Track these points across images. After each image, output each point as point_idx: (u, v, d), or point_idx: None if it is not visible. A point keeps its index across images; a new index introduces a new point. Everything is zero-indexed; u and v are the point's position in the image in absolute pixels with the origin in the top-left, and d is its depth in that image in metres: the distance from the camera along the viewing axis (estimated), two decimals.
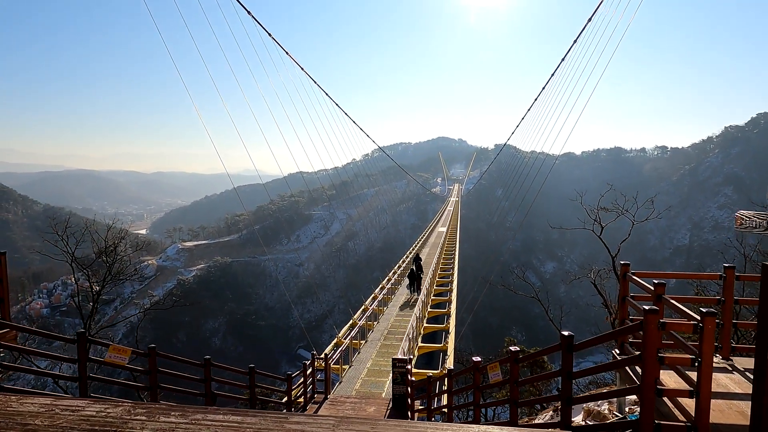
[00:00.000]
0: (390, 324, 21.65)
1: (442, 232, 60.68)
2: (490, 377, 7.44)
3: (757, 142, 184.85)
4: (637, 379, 5.99)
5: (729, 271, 6.59)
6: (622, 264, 6.69)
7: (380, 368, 16.23)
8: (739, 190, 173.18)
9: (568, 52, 37.36)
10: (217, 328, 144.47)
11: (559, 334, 5.63)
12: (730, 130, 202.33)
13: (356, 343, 18.36)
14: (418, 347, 19.33)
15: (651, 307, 4.44)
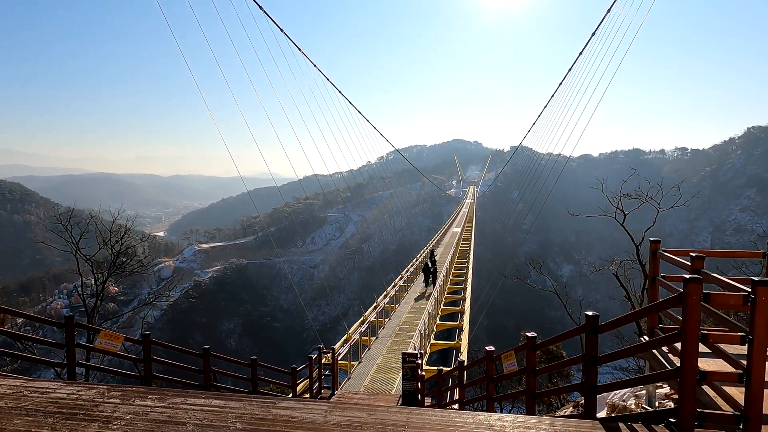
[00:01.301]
0: (402, 321, 21.06)
1: (456, 233, 59.86)
2: (504, 368, 6.83)
3: None
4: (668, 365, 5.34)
5: None
6: (652, 240, 6.03)
7: (390, 365, 15.65)
8: (762, 192, 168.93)
9: (583, 50, 36.70)
10: (233, 329, 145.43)
11: (584, 314, 5.01)
12: (753, 130, 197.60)
13: (366, 340, 17.80)
14: (430, 344, 18.71)
15: (692, 275, 3.82)
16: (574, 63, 39.39)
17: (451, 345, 19.80)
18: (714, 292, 3.82)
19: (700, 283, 3.79)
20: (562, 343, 16.65)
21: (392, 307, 23.24)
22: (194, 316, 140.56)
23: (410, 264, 33.61)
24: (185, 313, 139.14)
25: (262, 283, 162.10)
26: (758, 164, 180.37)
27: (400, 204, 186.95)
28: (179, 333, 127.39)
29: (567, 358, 5.25)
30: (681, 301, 3.89)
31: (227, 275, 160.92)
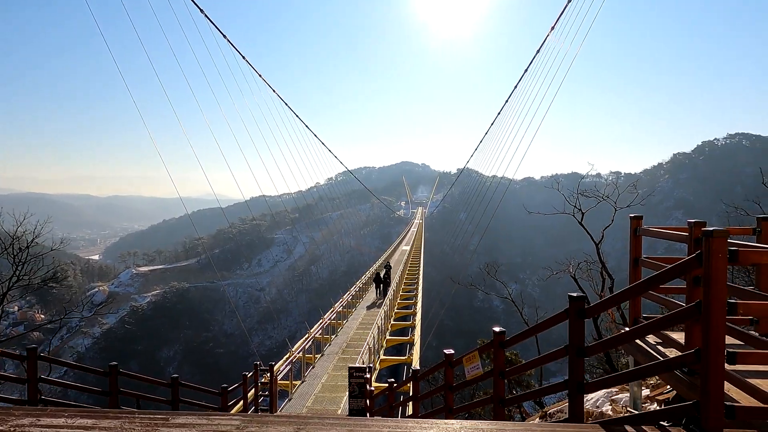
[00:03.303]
0: (350, 337, 19.77)
1: (406, 251, 59.30)
2: (467, 372, 5.83)
3: (703, 168, 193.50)
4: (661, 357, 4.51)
5: (765, 223, 5.33)
6: (633, 217, 5.29)
7: (337, 383, 14.33)
8: (688, 214, 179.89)
9: (519, 81, 38.13)
10: (173, 356, 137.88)
11: (568, 296, 4.11)
12: (678, 156, 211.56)
13: (311, 358, 16.40)
14: (380, 360, 17.52)
15: (714, 227, 2.99)
16: (512, 93, 40.87)
17: (402, 360, 18.69)
18: (742, 248, 3.00)
19: (726, 237, 2.96)
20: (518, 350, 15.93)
21: (340, 323, 21.90)
22: (130, 344, 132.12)
23: (358, 280, 32.40)
24: (120, 341, 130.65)
25: (204, 308, 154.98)
26: (684, 188, 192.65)
27: (350, 225, 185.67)
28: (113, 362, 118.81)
29: (548, 352, 4.29)
30: (700, 264, 3.05)
31: (167, 299, 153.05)
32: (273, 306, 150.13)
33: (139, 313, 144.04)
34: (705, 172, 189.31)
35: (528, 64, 35.72)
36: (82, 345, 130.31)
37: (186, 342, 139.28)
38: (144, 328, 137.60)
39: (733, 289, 3.61)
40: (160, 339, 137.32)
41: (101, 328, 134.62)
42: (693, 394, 3.80)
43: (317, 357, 16.96)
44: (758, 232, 5.11)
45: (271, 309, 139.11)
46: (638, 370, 3.59)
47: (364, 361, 13.73)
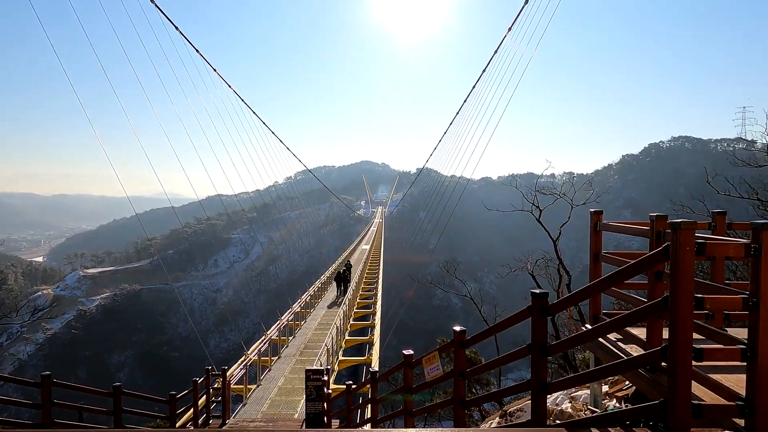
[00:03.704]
0: (308, 338, 19.33)
1: (365, 250, 59.09)
2: (426, 373, 5.63)
3: (649, 169, 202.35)
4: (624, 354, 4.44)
5: (719, 217, 5.37)
6: (594, 212, 5.22)
7: (294, 386, 13.92)
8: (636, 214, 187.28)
9: (477, 82, 38.77)
10: (124, 361, 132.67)
11: (530, 293, 3.96)
12: (626, 158, 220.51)
13: (267, 360, 15.89)
14: (338, 361, 17.19)
15: (682, 219, 2.87)
16: (469, 93, 41.48)
17: (361, 361, 18.43)
18: (709, 240, 2.90)
19: (693, 230, 2.85)
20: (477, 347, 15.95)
21: (298, 324, 21.41)
22: (77, 350, 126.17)
23: (318, 279, 31.90)
24: (67, 347, 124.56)
25: (158, 310, 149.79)
26: (632, 188, 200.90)
27: (309, 224, 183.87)
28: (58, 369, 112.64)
29: (510, 352, 4.11)
30: (667, 257, 2.93)
31: (118, 303, 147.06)
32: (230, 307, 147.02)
33: (87, 317, 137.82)
34: (651, 173, 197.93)
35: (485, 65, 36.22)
36: (24, 352, 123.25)
37: (139, 346, 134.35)
38: (93, 332, 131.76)
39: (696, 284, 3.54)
40: (111, 344, 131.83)
41: (45, 333, 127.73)
42: (655, 392, 3.72)
43: (274, 360, 16.46)
44: (713, 226, 5.14)
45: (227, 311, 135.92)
46: (604, 369, 3.46)
47: (321, 363, 13.39)
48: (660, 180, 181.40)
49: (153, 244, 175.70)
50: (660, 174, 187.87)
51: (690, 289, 2.81)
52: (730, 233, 5.44)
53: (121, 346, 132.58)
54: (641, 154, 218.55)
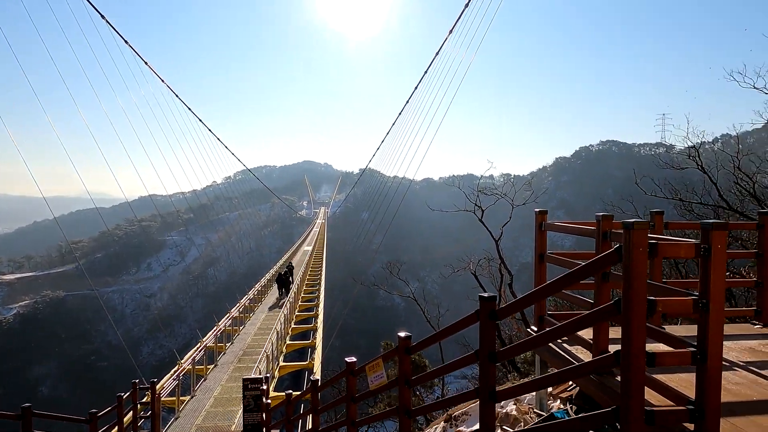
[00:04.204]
0: (247, 344, 18.57)
1: (308, 251, 58.19)
2: (370, 381, 5.35)
3: (580, 171, 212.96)
4: (572, 358, 4.36)
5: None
6: (538, 211, 5.15)
7: (231, 396, 13.25)
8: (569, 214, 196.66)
9: (419, 83, 39.29)
10: (47, 374, 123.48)
11: (479, 297, 3.77)
12: (560, 160, 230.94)
13: (202, 369, 15.07)
14: (279, 367, 16.61)
15: (635, 220, 2.77)
16: (411, 94, 41.92)
17: (303, 366, 17.91)
18: (661, 241, 2.82)
19: (647, 229, 2.75)
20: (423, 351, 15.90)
21: (236, 330, 20.55)
22: None
23: (257, 282, 30.92)
24: None
25: (85, 318, 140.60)
26: (565, 189, 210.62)
27: (249, 225, 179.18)
28: None
29: (457, 358, 3.90)
30: (620, 258, 2.82)
31: (39, 311, 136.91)
32: (165, 313, 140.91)
33: (4, 327, 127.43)
34: (582, 175, 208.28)
35: (427, 66, 36.63)
36: None
37: (63, 357, 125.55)
38: (10, 344, 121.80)
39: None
40: (31, 355, 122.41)
41: None
42: (605, 396, 3.64)
43: (210, 368, 15.65)
44: (652, 226, 5.21)
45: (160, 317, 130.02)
46: (556, 375, 3.33)
47: (261, 370, 12.83)
48: (590, 182, 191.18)
49: (79, 247, 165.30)
50: (590, 176, 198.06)
51: (643, 291, 2.70)
52: (666, 233, 5.55)
53: (43, 358, 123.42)
54: (573, 157, 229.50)
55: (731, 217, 18.15)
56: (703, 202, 18.72)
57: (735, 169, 19.04)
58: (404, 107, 48.92)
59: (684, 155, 20.44)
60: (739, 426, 3.06)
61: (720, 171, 19.63)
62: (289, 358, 19.96)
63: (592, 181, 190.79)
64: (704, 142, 21.12)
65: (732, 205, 17.73)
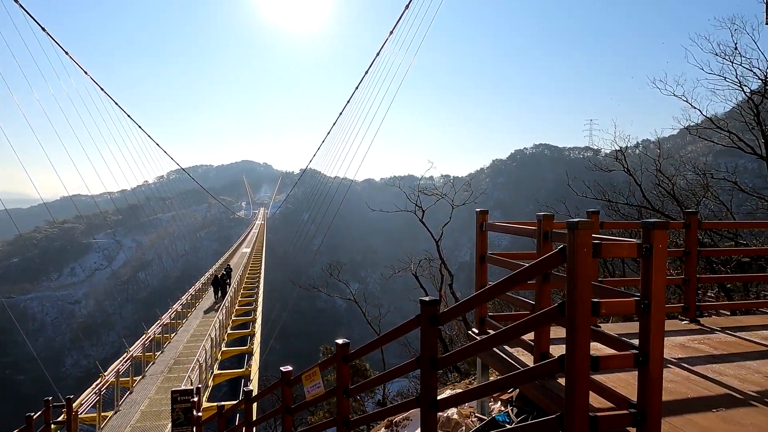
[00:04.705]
0: (179, 352, 17.59)
1: (246, 253, 56.52)
2: (307, 391, 5.06)
3: (515, 173, 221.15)
4: (515, 362, 4.28)
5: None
6: (480, 211, 5.06)
7: (160, 409, 12.44)
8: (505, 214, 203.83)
9: (360, 83, 39.32)
10: None
11: (419, 301, 3.59)
12: (496, 162, 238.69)
13: (128, 381, 14.07)
14: (213, 375, 15.84)
15: (579, 219, 2.68)
16: (352, 94, 41.91)
17: (239, 373, 17.19)
18: (604, 241, 2.74)
19: (591, 229, 2.66)
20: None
21: (167, 337, 19.43)
22: None
23: (192, 287, 29.54)
24: None
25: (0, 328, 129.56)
26: (501, 190, 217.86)
27: (184, 227, 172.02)
28: None
29: (398, 366, 3.69)
30: (564, 259, 2.72)
31: None
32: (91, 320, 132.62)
33: None
34: (517, 176, 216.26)
35: (368, 66, 36.61)
36: None
37: None
38: None
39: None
40: None
41: None
42: (547, 400, 3.56)
43: (137, 380, 14.64)
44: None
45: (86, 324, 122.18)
46: (499, 382, 3.19)
47: (192, 381, 12.11)
48: (525, 183, 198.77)
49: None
50: (525, 177, 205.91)
51: (588, 294, 2.61)
52: (602, 232, 5.64)
53: None
54: (509, 159, 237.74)
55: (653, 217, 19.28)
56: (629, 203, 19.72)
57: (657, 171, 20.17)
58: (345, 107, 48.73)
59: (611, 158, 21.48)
60: (677, 426, 3.06)
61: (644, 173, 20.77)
62: (227, 365, 19.13)
63: (527, 182, 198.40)
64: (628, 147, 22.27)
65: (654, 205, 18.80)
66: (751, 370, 4.09)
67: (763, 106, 17.12)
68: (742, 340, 5.04)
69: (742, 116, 17.96)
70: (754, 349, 4.73)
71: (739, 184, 16.54)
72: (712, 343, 4.91)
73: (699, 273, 7.35)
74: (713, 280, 10.00)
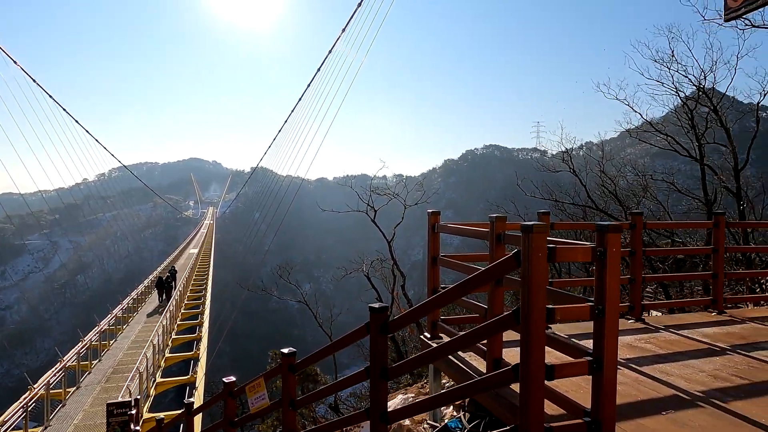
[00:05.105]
0: (119, 359, 16.63)
1: (193, 254, 54.66)
2: (251, 403, 4.77)
3: (467, 173, 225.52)
4: (469, 369, 4.17)
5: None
6: (431, 212, 4.93)
7: (95, 422, 11.67)
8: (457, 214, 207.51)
9: (312, 81, 38.85)
10: None
11: (369, 308, 3.40)
12: (448, 162, 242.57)
13: (60, 394, 13.14)
14: (156, 384, 15.06)
15: (534, 222, 2.56)
16: (304, 92, 41.42)
17: (184, 381, 16.44)
18: (559, 245, 2.64)
19: (546, 233, 2.55)
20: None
21: (106, 345, 18.35)
22: None
23: (134, 290, 28.14)
24: None
25: None
26: (453, 190, 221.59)
27: (127, 227, 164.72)
28: None
29: (347, 376, 3.47)
30: (519, 263, 2.60)
31: None
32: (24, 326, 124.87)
33: None
34: (468, 176, 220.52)
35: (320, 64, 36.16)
36: None
37: None
38: None
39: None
40: None
41: None
42: (501, 408, 3.46)
43: (70, 391, 13.70)
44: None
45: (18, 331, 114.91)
46: (453, 392, 3.05)
47: (131, 391, 11.42)
48: (476, 183, 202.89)
49: None
50: (475, 178, 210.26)
51: (542, 300, 2.50)
52: (553, 233, 5.64)
53: None
54: (460, 160, 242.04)
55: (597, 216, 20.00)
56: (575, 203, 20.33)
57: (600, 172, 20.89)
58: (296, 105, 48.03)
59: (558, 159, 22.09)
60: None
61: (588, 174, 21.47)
62: (173, 370, 18.32)
63: (478, 182, 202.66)
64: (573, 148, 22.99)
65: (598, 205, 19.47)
66: (695, 369, 4.16)
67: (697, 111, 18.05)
68: (685, 339, 5.16)
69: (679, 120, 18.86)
70: (696, 347, 4.85)
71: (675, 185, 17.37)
72: (658, 342, 5.00)
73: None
74: (658, 279, 10.39)
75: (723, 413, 3.27)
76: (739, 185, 16.08)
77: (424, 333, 4.90)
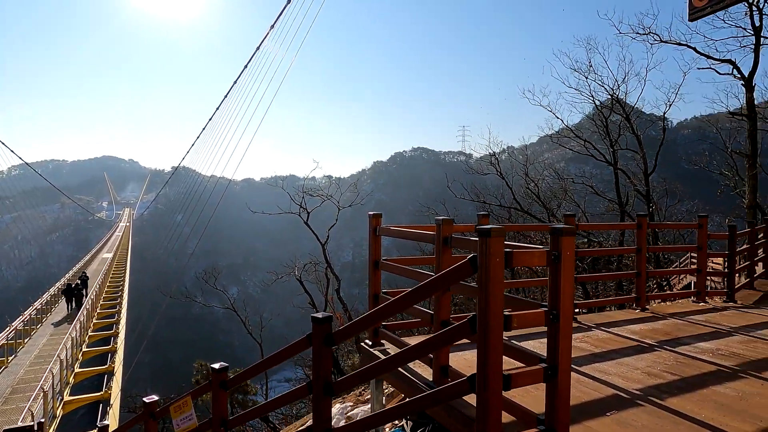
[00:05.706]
0: (19, 378, 14.98)
1: (107, 258, 50.95)
2: (176, 425, 4.34)
3: (395, 174, 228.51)
4: (417, 379, 4.02)
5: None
6: (372, 215, 4.75)
7: None
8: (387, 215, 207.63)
9: (237, 79, 37.78)
10: None
11: (311, 318, 3.15)
12: (377, 164, 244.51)
13: None
14: (63, 403, 13.71)
15: (492, 227, 2.44)
16: (230, 89, 40.18)
17: (97, 398, 15.11)
18: (516, 250, 2.55)
19: (503, 236, 2.44)
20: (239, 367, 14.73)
21: (3, 361, 16.48)
22: None
23: (38, 300, 25.64)
24: None
25: None
26: (382, 191, 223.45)
27: (30, 230, 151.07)
28: None
29: (287, 392, 3.19)
30: (475, 269, 2.47)
31: None
32: None
33: None
34: (397, 178, 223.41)
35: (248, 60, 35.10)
36: None
37: None
38: None
39: None
40: None
41: None
42: (452, 419, 3.33)
43: None
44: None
45: None
46: (404, 406, 2.87)
47: (33, 414, 10.27)
48: (405, 185, 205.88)
49: None
50: (404, 179, 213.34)
51: (500, 308, 2.39)
52: None
53: None
54: (389, 161, 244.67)
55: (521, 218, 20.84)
56: (502, 204, 21.01)
57: (525, 176, 21.73)
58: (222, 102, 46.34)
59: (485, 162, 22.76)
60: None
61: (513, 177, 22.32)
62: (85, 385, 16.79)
63: (406, 184, 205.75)
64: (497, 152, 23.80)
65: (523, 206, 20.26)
66: (630, 366, 4.28)
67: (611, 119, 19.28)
68: (616, 336, 5.35)
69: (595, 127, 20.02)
70: (628, 344, 5.03)
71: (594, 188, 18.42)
72: (592, 341, 5.14)
73: None
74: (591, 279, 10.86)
75: (662, 411, 3.35)
76: (649, 188, 17.34)
77: (365, 340, 4.71)
